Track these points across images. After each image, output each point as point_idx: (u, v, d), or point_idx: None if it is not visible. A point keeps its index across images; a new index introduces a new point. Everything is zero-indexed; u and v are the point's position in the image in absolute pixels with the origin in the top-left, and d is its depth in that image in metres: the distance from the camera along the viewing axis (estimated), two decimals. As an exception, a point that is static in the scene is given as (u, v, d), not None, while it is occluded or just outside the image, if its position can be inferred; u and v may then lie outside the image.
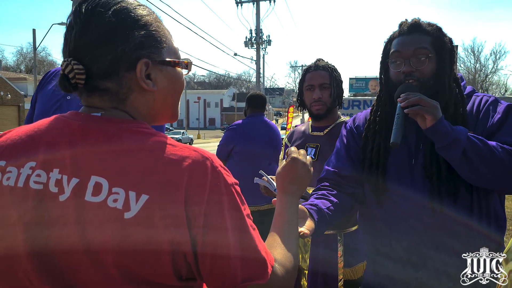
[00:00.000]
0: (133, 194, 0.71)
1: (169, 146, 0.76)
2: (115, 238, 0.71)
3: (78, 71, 0.77)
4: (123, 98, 0.81)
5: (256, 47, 26.11)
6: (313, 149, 2.10)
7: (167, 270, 0.73)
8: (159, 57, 0.83)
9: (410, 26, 1.41)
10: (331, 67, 2.12)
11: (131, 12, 0.80)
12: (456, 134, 1.24)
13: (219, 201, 0.74)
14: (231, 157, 3.61)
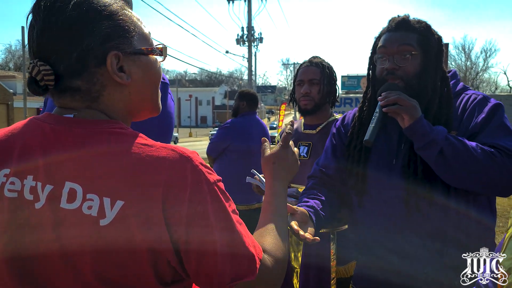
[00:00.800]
0: (108, 201, 0.68)
1: (144, 147, 0.73)
2: (92, 246, 0.69)
3: (46, 72, 0.73)
4: (96, 96, 0.77)
5: (248, 45, 26.08)
6: (305, 147, 2.09)
7: (149, 277, 0.71)
8: (129, 47, 0.78)
9: (398, 22, 1.40)
10: (324, 64, 2.11)
11: (93, 4, 0.75)
12: (434, 134, 1.24)
13: (202, 201, 0.71)
14: (224, 155, 3.60)
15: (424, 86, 1.36)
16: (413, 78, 1.36)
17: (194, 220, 0.70)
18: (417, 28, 1.38)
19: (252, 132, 3.61)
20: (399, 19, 1.41)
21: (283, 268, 0.84)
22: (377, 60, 1.44)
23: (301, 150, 2.10)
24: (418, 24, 1.39)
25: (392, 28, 1.41)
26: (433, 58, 1.38)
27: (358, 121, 1.52)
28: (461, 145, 1.23)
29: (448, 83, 1.42)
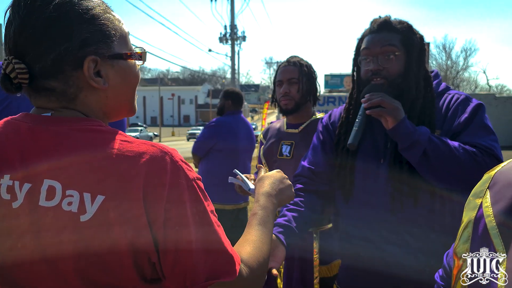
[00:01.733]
0: (88, 196, 0.68)
1: (124, 143, 0.72)
2: (73, 243, 0.68)
3: (20, 70, 0.71)
4: (72, 97, 0.76)
5: (231, 43, 26.04)
6: (288, 147, 2.09)
7: (130, 273, 0.70)
8: (108, 51, 0.77)
9: (380, 23, 1.41)
10: (302, 63, 2.10)
11: (75, 6, 0.73)
12: (417, 135, 1.25)
13: (180, 196, 0.71)
14: (210, 154, 3.59)
15: (408, 86, 1.37)
16: (397, 78, 1.37)
17: (172, 216, 0.70)
18: (399, 29, 1.39)
19: (238, 130, 3.61)
20: (381, 20, 1.42)
21: (259, 281, 0.83)
22: (361, 62, 1.44)
23: (284, 149, 2.09)
24: (400, 25, 1.40)
25: (374, 30, 1.42)
26: (416, 57, 1.39)
27: (345, 121, 1.52)
28: (444, 146, 1.24)
29: (431, 82, 1.43)
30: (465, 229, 0.60)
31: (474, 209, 0.59)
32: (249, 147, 3.74)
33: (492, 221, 0.54)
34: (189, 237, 0.71)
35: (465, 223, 0.60)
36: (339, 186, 1.49)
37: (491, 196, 0.57)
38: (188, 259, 0.71)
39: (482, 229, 0.56)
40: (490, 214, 0.55)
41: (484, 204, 0.57)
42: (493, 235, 0.53)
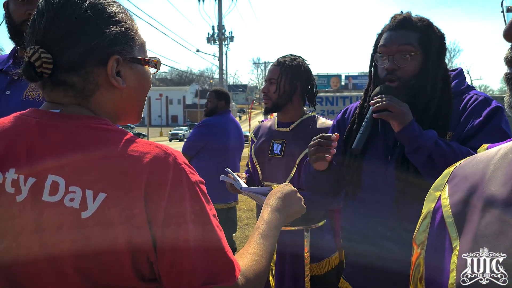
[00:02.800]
0: (90, 193, 0.68)
1: (129, 142, 0.74)
2: (73, 240, 0.68)
3: (46, 60, 0.73)
4: (89, 95, 0.78)
5: (218, 43, 25.98)
6: (279, 145, 2.09)
7: (128, 270, 0.70)
8: (130, 54, 0.81)
9: (399, 21, 1.39)
10: (285, 63, 2.08)
11: (106, 7, 0.79)
12: (423, 140, 1.24)
13: (180, 198, 0.71)
14: (200, 153, 3.60)
15: (423, 87, 1.35)
16: (412, 79, 1.35)
17: (171, 217, 0.70)
18: (418, 27, 1.36)
19: (229, 130, 3.64)
20: (400, 17, 1.40)
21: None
22: (377, 59, 1.43)
23: (275, 148, 2.10)
24: (420, 23, 1.37)
25: (393, 27, 1.39)
26: (434, 57, 1.36)
27: (357, 118, 1.52)
28: (450, 151, 1.23)
29: (449, 82, 1.41)
30: (424, 219, 0.63)
31: (434, 201, 0.62)
32: (238, 146, 3.76)
33: (448, 211, 0.58)
34: (187, 238, 0.71)
35: (424, 213, 0.63)
36: (348, 180, 1.49)
37: (449, 189, 0.61)
38: (185, 260, 0.71)
39: (439, 218, 0.59)
40: (447, 204, 0.59)
41: (442, 196, 0.61)
42: (448, 223, 0.56)
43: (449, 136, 1.33)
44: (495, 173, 0.54)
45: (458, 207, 0.57)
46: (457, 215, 0.56)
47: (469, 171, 0.60)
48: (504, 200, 0.51)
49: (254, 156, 2.19)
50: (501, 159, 0.55)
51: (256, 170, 2.17)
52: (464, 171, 0.61)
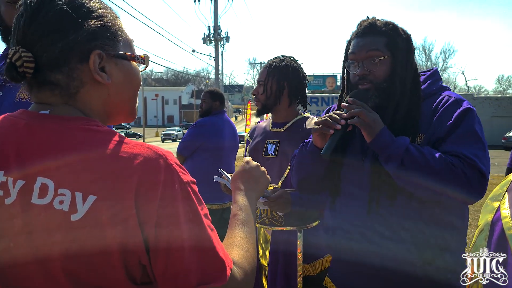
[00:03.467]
0: (80, 195, 0.68)
1: (119, 143, 0.73)
2: (62, 243, 0.68)
3: (27, 58, 0.73)
4: (74, 92, 0.77)
5: (214, 44, 25.94)
6: (273, 145, 2.10)
7: (119, 274, 0.70)
8: (114, 50, 0.80)
9: (365, 27, 1.41)
10: (274, 65, 2.08)
11: (85, 3, 0.78)
12: (394, 148, 1.26)
13: (173, 199, 0.71)
14: (195, 154, 3.60)
15: (394, 89, 1.37)
16: (383, 82, 1.37)
17: (164, 218, 0.70)
18: (384, 31, 1.38)
19: (224, 130, 3.64)
20: (366, 24, 1.42)
21: (252, 282, 0.84)
22: (349, 66, 1.45)
23: (269, 148, 2.11)
24: (385, 27, 1.39)
25: (360, 34, 1.42)
26: (402, 59, 1.38)
27: None
28: (421, 157, 1.24)
29: (419, 83, 1.42)
30: (481, 232, 0.59)
31: (492, 212, 0.59)
32: (233, 146, 3.76)
33: (509, 222, 0.54)
34: (181, 239, 0.71)
35: (481, 226, 0.60)
36: (326, 185, 1.51)
37: (509, 199, 0.57)
38: (179, 261, 0.71)
39: (499, 231, 0.55)
40: (507, 215, 0.55)
41: (502, 207, 0.57)
42: (509, 236, 0.53)
43: (420, 138, 1.34)
44: None
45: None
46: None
47: None
48: None
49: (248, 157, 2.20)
50: None
51: (250, 170, 2.18)
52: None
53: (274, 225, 2.09)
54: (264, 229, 2.14)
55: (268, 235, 2.13)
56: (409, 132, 1.34)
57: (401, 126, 1.35)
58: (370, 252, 1.37)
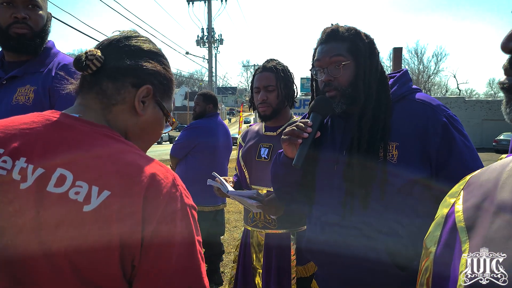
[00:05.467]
0: (96, 189, 0.73)
1: (137, 154, 0.81)
2: (71, 232, 0.71)
3: (99, 57, 0.85)
4: (113, 103, 0.87)
5: (208, 46, 25.96)
6: (266, 149, 2.11)
7: (115, 269, 0.73)
8: (160, 96, 0.93)
9: (328, 34, 1.42)
10: (278, 68, 2.09)
11: (159, 53, 0.95)
12: None
13: (172, 214, 0.76)
14: (189, 156, 3.61)
15: (358, 94, 1.37)
16: (348, 87, 1.38)
17: (160, 229, 0.74)
18: (346, 37, 1.40)
19: (217, 132, 3.65)
20: (329, 30, 1.43)
21: None
22: (315, 73, 1.47)
23: (262, 152, 2.11)
24: (347, 32, 1.40)
25: (323, 40, 1.43)
26: (365, 63, 1.39)
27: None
28: None
29: (387, 86, 1.42)
30: (436, 223, 0.65)
31: (448, 206, 0.64)
32: (227, 148, 3.77)
33: (460, 216, 0.59)
34: (170, 256, 0.75)
35: (438, 218, 0.65)
36: (303, 194, 1.52)
37: (463, 196, 0.62)
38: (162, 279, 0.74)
39: (451, 223, 0.61)
40: (459, 210, 0.60)
41: (456, 202, 0.63)
42: (459, 228, 0.58)
43: (392, 146, 1.32)
44: (508, 180, 0.56)
45: (470, 212, 0.58)
46: (469, 220, 0.58)
47: (483, 179, 0.61)
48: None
49: (241, 160, 2.20)
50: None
51: (244, 174, 2.18)
52: (479, 179, 0.62)
53: (267, 228, 2.10)
54: (257, 232, 2.14)
55: (261, 238, 2.13)
56: (378, 140, 1.33)
57: (369, 133, 1.34)
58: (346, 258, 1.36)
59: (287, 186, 1.58)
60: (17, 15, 1.58)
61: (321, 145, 1.48)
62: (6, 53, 1.70)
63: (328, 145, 1.46)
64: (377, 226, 1.33)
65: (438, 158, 1.30)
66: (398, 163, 1.30)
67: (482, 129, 25.41)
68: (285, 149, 1.46)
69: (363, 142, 1.34)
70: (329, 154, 1.44)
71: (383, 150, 1.32)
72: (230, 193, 1.94)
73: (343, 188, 1.37)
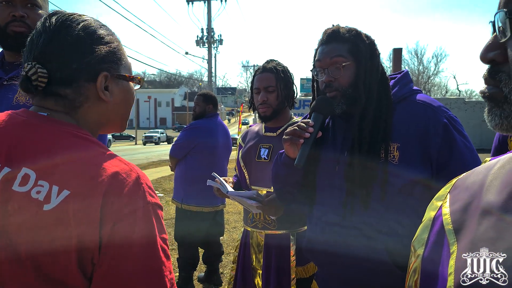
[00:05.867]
0: (56, 188, 0.74)
1: (101, 154, 0.82)
2: (31, 230, 0.73)
3: (42, 74, 0.83)
4: (78, 106, 0.87)
5: (207, 46, 25.96)
6: (266, 150, 2.11)
7: (74, 269, 0.73)
8: (117, 71, 0.92)
9: (328, 35, 1.43)
10: (278, 69, 2.10)
11: (97, 30, 0.89)
12: None
13: (132, 213, 0.76)
14: (188, 156, 3.61)
15: (359, 94, 1.38)
16: (349, 88, 1.38)
17: (118, 228, 0.74)
18: (347, 38, 1.40)
19: (217, 133, 3.64)
20: (330, 31, 1.44)
21: None
22: (316, 74, 1.47)
23: (262, 153, 2.11)
24: (348, 34, 1.41)
25: (324, 41, 1.44)
26: (365, 64, 1.39)
27: None
28: None
29: (388, 88, 1.42)
30: (423, 226, 0.66)
31: (435, 209, 0.65)
32: (226, 149, 3.76)
33: (448, 218, 0.60)
34: (127, 257, 0.74)
35: (425, 221, 0.66)
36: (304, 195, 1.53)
37: (450, 199, 0.63)
38: (119, 280, 0.74)
39: (439, 225, 0.62)
40: (447, 212, 0.61)
41: (443, 205, 0.64)
42: (447, 230, 0.59)
43: (393, 147, 1.33)
44: (493, 183, 0.57)
45: (457, 215, 0.59)
46: (456, 222, 0.58)
47: (469, 182, 0.62)
48: (500, 206, 0.53)
49: (241, 161, 2.20)
50: (498, 170, 0.58)
51: (243, 174, 2.18)
52: (465, 182, 0.63)
53: (267, 229, 2.10)
54: (257, 233, 2.14)
55: (261, 239, 2.13)
56: (379, 141, 1.34)
57: (370, 134, 1.34)
58: (347, 258, 1.36)
59: (288, 186, 1.58)
60: (15, 13, 1.58)
61: (322, 146, 1.48)
62: (6, 53, 1.70)
63: (329, 145, 1.47)
64: (377, 226, 1.33)
65: (439, 159, 1.30)
66: (399, 164, 1.31)
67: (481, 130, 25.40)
68: (287, 149, 1.46)
69: (364, 143, 1.34)
70: (330, 154, 1.44)
71: (384, 151, 1.33)
72: (229, 193, 1.94)
73: (344, 188, 1.37)
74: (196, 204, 3.53)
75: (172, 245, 5.03)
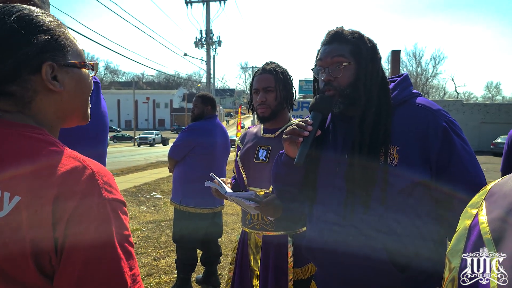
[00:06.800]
0: (8, 195, 0.73)
1: (53, 152, 0.78)
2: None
3: None
4: (28, 101, 0.83)
5: (206, 48, 25.95)
6: (264, 151, 2.11)
7: (33, 273, 0.73)
8: (64, 59, 0.86)
9: (331, 35, 1.44)
10: (277, 70, 2.11)
11: (33, 18, 0.83)
12: None
13: (85, 212, 0.74)
14: (187, 157, 3.61)
15: (358, 96, 1.38)
16: (347, 88, 1.39)
17: (71, 228, 0.73)
18: (350, 39, 1.41)
19: (216, 134, 3.64)
20: (333, 32, 1.45)
21: None
22: (316, 73, 1.48)
23: (260, 154, 2.12)
24: (351, 35, 1.42)
25: (326, 41, 1.45)
26: (366, 66, 1.40)
27: None
28: None
29: (388, 91, 1.43)
30: (459, 235, 0.63)
31: (470, 218, 0.62)
32: (225, 150, 3.76)
33: (486, 228, 0.58)
34: (81, 257, 0.73)
35: (460, 230, 0.63)
36: (305, 195, 1.53)
37: (486, 206, 0.61)
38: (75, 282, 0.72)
39: (476, 234, 0.59)
40: (484, 221, 0.59)
41: (479, 214, 0.61)
42: (486, 240, 0.56)
43: (393, 149, 1.33)
44: None
45: (496, 224, 0.57)
46: (495, 232, 0.56)
47: (507, 189, 0.60)
48: None
49: (239, 162, 2.21)
50: None
51: (242, 175, 2.18)
52: (502, 189, 0.61)
53: (264, 230, 2.10)
54: (254, 234, 2.14)
55: (259, 240, 2.13)
56: (379, 143, 1.34)
57: (370, 137, 1.35)
58: (346, 257, 1.37)
59: (288, 186, 1.58)
60: None
61: (323, 147, 1.48)
62: None
63: (329, 147, 1.47)
64: (376, 225, 1.33)
65: (438, 162, 1.31)
66: (398, 166, 1.31)
67: (480, 132, 25.46)
68: (287, 148, 1.46)
69: (364, 146, 1.35)
70: (331, 155, 1.45)
71: (384, 153, 1.33)
72: (228, 194, 1.94)
73: (344, 188, 1.38)
74: (194, 205, 3.53)
75: (170, 247, 5.03)
